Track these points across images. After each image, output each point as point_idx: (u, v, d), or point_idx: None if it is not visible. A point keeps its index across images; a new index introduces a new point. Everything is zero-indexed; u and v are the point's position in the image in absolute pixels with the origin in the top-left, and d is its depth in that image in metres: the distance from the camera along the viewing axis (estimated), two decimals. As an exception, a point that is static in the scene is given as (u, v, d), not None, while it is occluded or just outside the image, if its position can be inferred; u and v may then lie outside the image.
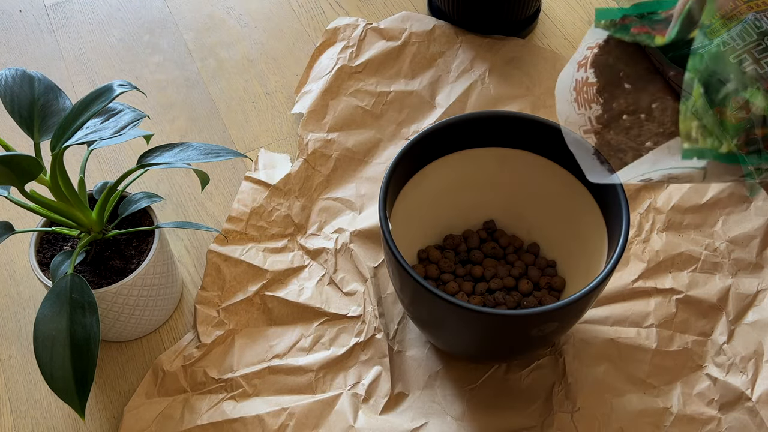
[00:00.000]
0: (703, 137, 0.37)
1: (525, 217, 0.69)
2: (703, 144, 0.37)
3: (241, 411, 0.62)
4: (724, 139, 0.37)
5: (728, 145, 0.37)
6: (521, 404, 0.62)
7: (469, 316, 0.51)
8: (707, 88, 0.37)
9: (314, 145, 0.78)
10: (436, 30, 0.87)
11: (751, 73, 0.37)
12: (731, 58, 0.37)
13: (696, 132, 0.37)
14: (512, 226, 0.70)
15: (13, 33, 0.94)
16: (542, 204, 0.67)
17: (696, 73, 0.37)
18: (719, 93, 0.37)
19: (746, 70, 0.37)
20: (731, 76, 0.37)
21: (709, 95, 0.37)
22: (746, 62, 0.37)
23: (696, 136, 0.37)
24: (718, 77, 0.37)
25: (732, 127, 0.37)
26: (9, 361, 0.67)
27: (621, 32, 0.44)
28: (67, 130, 0.52)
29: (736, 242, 0.71)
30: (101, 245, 0.62)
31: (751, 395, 0.62)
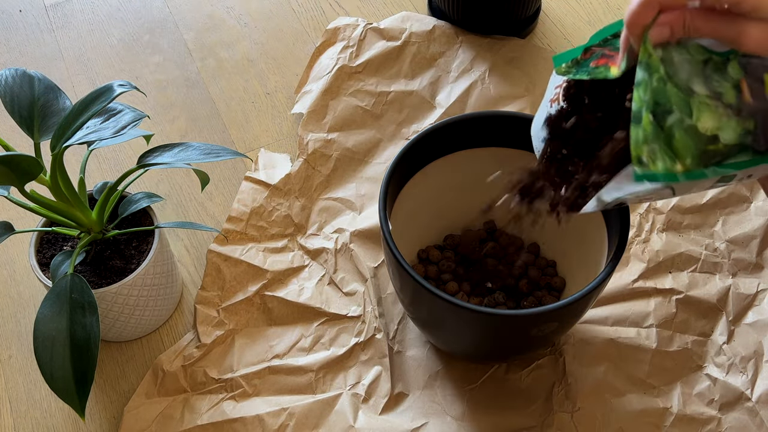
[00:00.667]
0: (653, 162, 0.39)
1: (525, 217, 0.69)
2: (653, 168, 0.39)
3: (241, 411, 0.62)
4: (677, 161, 0.39)
5: (682, 166, 0.39)
6: (521, 404, 0.62)
7: (469, 316, 0.51)
8: (655, 116, 0.38)
9: (314, 145, 0.78)
10: (436, 30, 0.87)
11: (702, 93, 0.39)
12: (673, 90, 0.38)
13: (647, 157, 0.38)
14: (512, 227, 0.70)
15: (13, 33, 0.94)
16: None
17: (642, 102, 0.39)
18: (666, 120, 0.39)
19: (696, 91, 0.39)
20: (674, 107, 0.38)
21: (658, 122, 0.39)
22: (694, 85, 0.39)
23: (647, 161, 0.38)
24: (662, 108, 0.39)
25: (684, 148, 0.39)
26: (9, 361, 0.67)
27: (581, 73, 0.45)
28: (67, 130, 0.52)
29: (736, 242, 0.71)
30: (101, 245, 0.62)
31: (751, 395, 0.62)
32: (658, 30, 0.38)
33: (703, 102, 0.38)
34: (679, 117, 0.38)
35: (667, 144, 0.38)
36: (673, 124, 0.38)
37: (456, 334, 0.57)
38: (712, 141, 0.39)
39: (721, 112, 0.38)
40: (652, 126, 0.38)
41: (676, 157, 0.38)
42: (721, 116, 0.38)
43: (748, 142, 0.39)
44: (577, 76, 0.45)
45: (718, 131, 0.38)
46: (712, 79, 0.39)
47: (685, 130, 0.38)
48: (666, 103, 0.38)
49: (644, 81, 0.38)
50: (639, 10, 0.38)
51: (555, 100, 0.48)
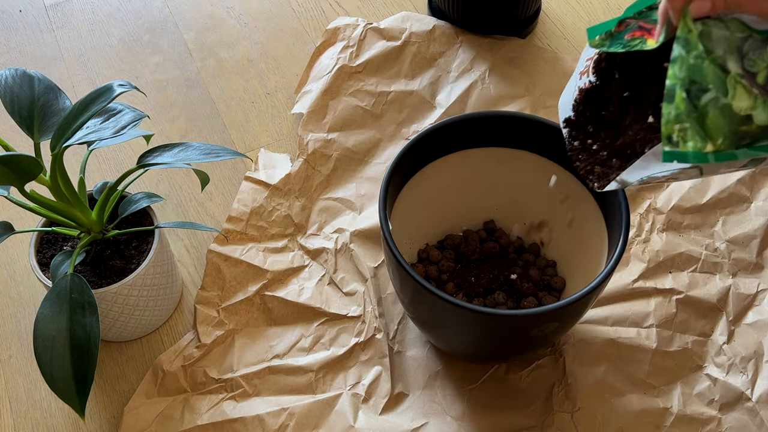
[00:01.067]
0: (684, 141, 0.38)
1: (525, 217, 0.69)
2: (683, 147, 0.38)
3: (241, 411, 0.62)
4: (708, 141, 0.38)
5: (713, 146, 0.38)
6: (521, 404, 0.62)
7: (469, 316, 0.51)
8: (689, 93, 0.37)
9: (314, 145, 0.78)
10: (436, 30, 0.87)
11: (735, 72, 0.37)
12: (710, 67, 0.37)
13: (677, 135, 0.38)
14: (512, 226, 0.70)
15: (13, 33, 0.94)
16: (542, 204, 0.67)
17: (677, 80, 0.38)
18: (701, 99, 0.38)
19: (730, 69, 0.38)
20: (710, 85, 0.37)
21: (692, 101, 0.38)
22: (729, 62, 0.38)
23: (677, 139, 0.38)
24: (697, 86, 0.38)
25: (716, 128, 0.38)
26: (9, 361, 0.67)
27: (615, 45, 0.44)
28: (67, 130, 0.52)
29: (736, 242, 0.71)
30: (101, 245, 0.62)
31: (751, 395, 0.62)
32: (699, 3, 0.37)
33: (738, 81, 0.37)
34: (715, 96, 0.37)
35: (699, 123, 0.37)
36: (708, 102, 0.37)
37: (456, 334, 0.57)
38: (746, 121, 0.38)
39: (755, 92, 0.37)
40: (686, 104, 0.37)
41: (707, 137, 0.37)
42: (755, 96, 0.37)
43: None
44: (611, 48, 0.44)
45: (752, 111, 0.37)
46: (747, 57, 0.38)
47: (720, 110, 0.37)
48: (702, 81, 0.37)
49: (681, 57, 0.37)
50: None
51: (585, 73, 0.47)
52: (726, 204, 0.73)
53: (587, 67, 0.47)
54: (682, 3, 0.38)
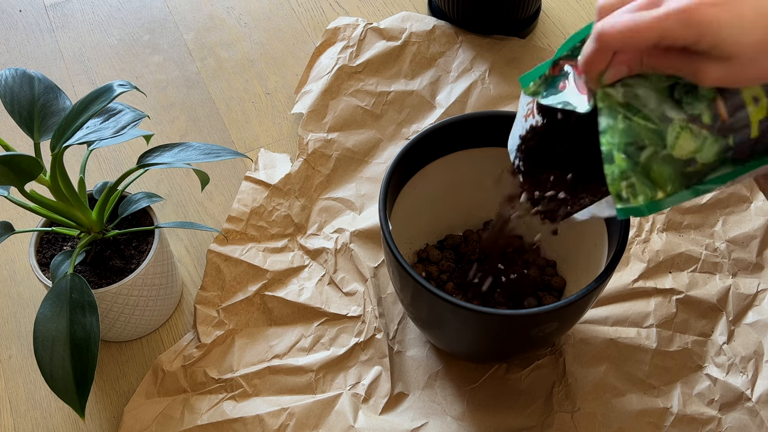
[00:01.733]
0: (634, 196, 0.38)
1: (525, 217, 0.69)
2: (635, 202, 0.38)
3: (241, 411, 0.62)
4: (658, 189, 0.38)
5: (663, 193, 0.38)
6: (521, 404, 0.62)
7: (469, 316, 0.51)
8: (627, 154, 0.38)
9: (314, 145, 0.78)
10: (436, 30, 0.87)
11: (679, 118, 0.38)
12: (641, 124, 0.38)
13: (626, 192, 0.38)
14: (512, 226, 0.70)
15: (13, 33, 0.94)
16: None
17: (611, 146, 0.38)
18: (641, 156, 0.38)
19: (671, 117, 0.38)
20: (646, 141, 0.38)
21: (632, 158, 0.38)
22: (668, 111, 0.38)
23: (627, 195, 0.38)
24: (633, 146, 0.38)
25: (662, 177, 0.38)
26: (9, 361, 0.67)
27: (549, 96, 0.44)
28: (67, 130, 0.52)
29: (736, 242, 0.71)
30: (101, 245, 0.62)
31: (751, 395, 0.62)
32: (615, 70, 0.38)
33: (683, 127, 0.38)
34: (653, 150, 0.38)
35: (644, 176, 0.38)
36: (648, 157, 0.38)
37: (456, 334, 0.57)
38: (690, 163, 0.38)
39: (700, 134, 0.38)
40: (627, 162, 0.38)
41: (656, 186, 0.38)
42: (698, 138, 0.38)
43: (728, 156, 0.39)
44: (546, 100, 0.44)
45: (695, 154, 0.38)
46: (684, 103, 0.38)
47: (661, 160, 0.38)
48: (637, 139, 0.38)
49: (609, 126, 0.38)
50: (593, 58, 0.37)
51: (529, 116, 0.47)
52: (726, 204, 0.73)
53: (530, 110, 0.47)
54: (597, 75, 0.38)
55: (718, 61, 0.35)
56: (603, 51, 0.37)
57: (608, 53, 0.37)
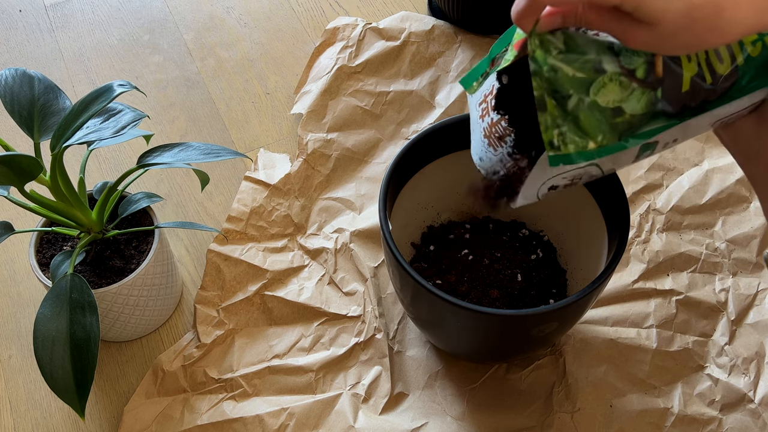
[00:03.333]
0: (564, 144, 0.39)
1: (525, 218, 0.69)
2: (566, 150, 0.39)
3: (241, 411, 0.62)
4: (589, 139, 0.39)
5: (594, 143, 0.39)
6: (521, 404, 0.62)
7: (469, 316, 0.51)
8: (556, 100, 0.39)
9: (314, 145, 0.78)
10: (435, 30, 0.87)
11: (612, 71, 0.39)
12: (565, 75, 0.38)
13: (558, 140, 0.39)
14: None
15: (13, 33, 0.94)
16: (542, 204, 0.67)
17: (542, 90, 0.39)
18: (567, 104, 0.39)
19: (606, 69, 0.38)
20: (570, 91, 0.38)
21: (561, 106, 0.39)
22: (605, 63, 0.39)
23: (558, 143, 0.39)
24: (559, 94, 0.39)
25: (591, 126, 0.39)
26: (9, 361, 0.67)
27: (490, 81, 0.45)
28: (67, 130, 0.52)
29: (736, 242, 0.71)
30: (101, 245, 0.62)
31: (753, 397, 0.62)
32: (549, 19, 0.38)
33: (613, 79, 0.38)
34: (578, 98, 0.38)
35: (575, 124, 0.38)
36: (574, 106, 0.38)
37: (456, 334, 0.57)
38: (618, 113, 0.39)
39: (629, 86, 0.38)
40: (557, 109, 0.38)
41: (586, 135, 0.39)
42: (625, 89, 0.38)
43: (658, 108, 0.39)
44: (482, 87, 0.44)
45: (620, 103, 0.39)
46: (623, 55, 0.38)
47: (588, 109, 0.38)
48: (561, 89, 0.38)
49: (536, 71, 0.38)
50: (524, 11, 0.38)
51: (485, 115, 0.48)
52: (726, 204, 0.73)
53: (484, 110, 0.47)
54: (530, 24, 0.38)
55: (644, 25, 0.36)
56: (533, 6, 0.37)
57: (539, 7, 0.37)
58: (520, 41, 0.41)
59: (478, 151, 0.49)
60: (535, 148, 0.44)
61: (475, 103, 0.49)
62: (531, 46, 0.38)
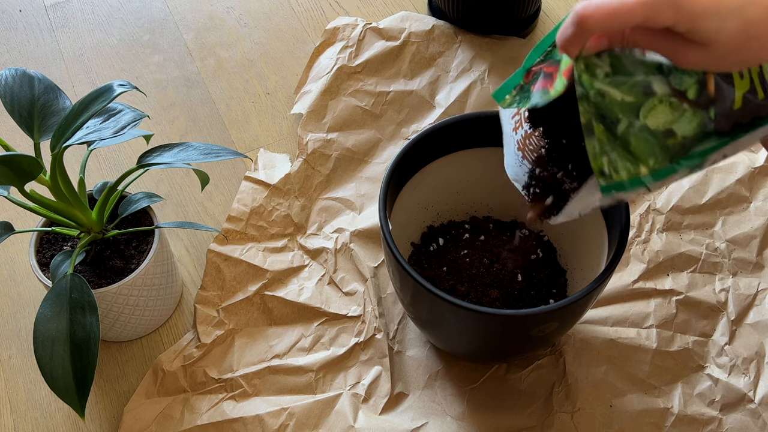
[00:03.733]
0: (616, 171, 0.38)
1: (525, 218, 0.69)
2: (618, 178, 0.38)
3: (241, 411, 0.62)
4: (640, 164, 0.38)
5: (647, 168, 0.38)
6: (521, 404, 0.62)
7: (469, 316, 0.51)
8: (605, 125, 0.38)
9: (314, 145, 0.78)
10: (435, 30, 0.87)
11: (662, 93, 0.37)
12: (613, 98, 0.37)
13: (608, 167, 0.38)
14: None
15: (13, 33, 0.94)
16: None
17: (590, 114, 0.38)
18: (617, 128, 0.38)
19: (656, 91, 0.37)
20: (619, 115, 0.37)
21: (610, 131, 0.38)
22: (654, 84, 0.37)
23: (609, 171, 0.38)
24: (609, 120, 0.38)
25: (642, 150, 0.38)
26: (9, 361, 0.67)
27: (524, 101, 0.44)
28: (67, 130, 0.52)
29: (736, 242, 0.71)
30: (101, 245, 0.62)
31: (753, 397, 0.62)
32: (595, 42, 0.37)
33: (663, 101, 0.37)
34: (628, 122, 0.37)
35: (625, 149, 0.38)
36: (624, 131, 0.37)
37: (456, 334, 0.57)
38: (669, 135, 0.38)
39: (679, 107, 0.38)
40: (606, 134, 0.37)
41: (637, 160, 0.38)
42: (676, 111, 0.38)
43: (710, 128, 0.38)
44: (522, 105, 0.43)
45: (671, 125, 0.38)
46: (673, 76, 0.38)
47: (638, 132, 0.37)
48: (610, 114, 0.37)
49: (583, 96, 0.37)
50: (571, 40, 0.36)
51: (518, 128, 0.47)
52: (726, 204, 0.73)
53: (518, 122, 0.47)
54: (576, 51, 0.37)
55: (697, 45, 0.35)
56: (582, 34, 0.36)
57: (587, 36, 0.36)
58: (569, 68, 0.39)
59: (511, 165, 0.48)
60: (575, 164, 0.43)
61: (508, 116, 0.48)
62: (577, 70, 0.37)
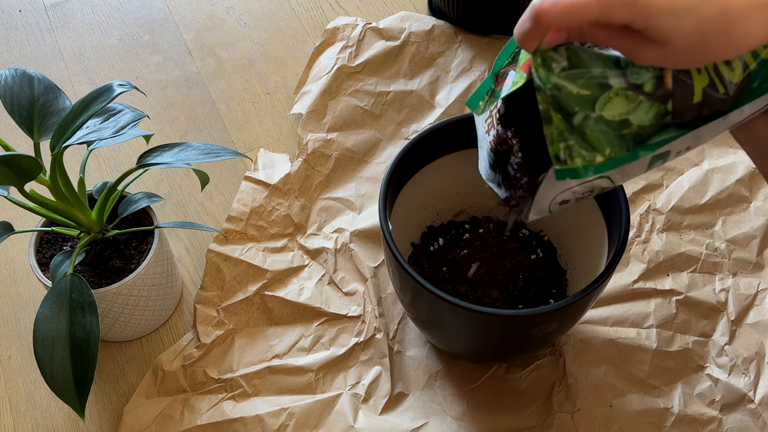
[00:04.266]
0: (571, 158, 0.38)
1: (525, 217, 0.69)
2: (572, 164, 0.38)
3: (241, 411, 0.62)
4: (596, 152, 0.38)
5: (602, 156, 0.38)
6: (521, 404, 0.62)
7: (469, 316, 0.51)
8: (563, 116, 0.38)
9: (314, 145, 0.78)
10: (435, 30, 0.87)
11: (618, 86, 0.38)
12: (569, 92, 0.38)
13: (564, 153, 0.38)
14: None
15: (13, 33, 0.94)
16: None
17: (547, 104, 0.38)
18: (573, 120, 0.38)
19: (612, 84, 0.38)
20: (576, 108, 0.38)
21: (567, 120, 0.38)
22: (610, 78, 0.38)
23: (564, 157, 0.38)
24: (565, 111, 0.38)
25: (598, 140, 0.38)
26: (9, 361, 0.67)
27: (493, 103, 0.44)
28: (67, 130, 0.52)
29: (736, 242, 0.71)
30: (101, 245, 0.62)
31: (753, 397, 0.62)
32: (553, 37, 0.37)
33: (619, 94, 0.38)
34: (584, 115, 0.38)
35: (581, 138, 0.38)
36: (580, 122, 0.38)
37: (456, 334, 0.57)
38: (625, 125, 0.38)
39: (635, 99, 0.38)
40: (564, 123, 0.38)
41: (594, 149, 0.38)
42: (632, 102, 0.38)
43: (668, 120, 0.38)
44: (491, 106, 0.43)
45: (627, 116, 0.38)
46: (629, 70, 0.38)
47: (594, 123, 0.38)
48: (566, 106, 0.38)
49: (540, 88, 0.38)
50: (528, 35, 0.37)
51: (490, 130, 0.47)
52: (726, 204, 0.73)
53: (490, 124, 0.47)
54: (533, 46, 0.37)
55: (654, 43, 0.35)
56: (539, 29, 0.36)
57: (544, 31, 0.37)
58: (527, 62, 0.40)
59: (485, 167, 0.49)
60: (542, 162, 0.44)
61: (481, 120, 0.48)
62: (534, 64, 0.38)
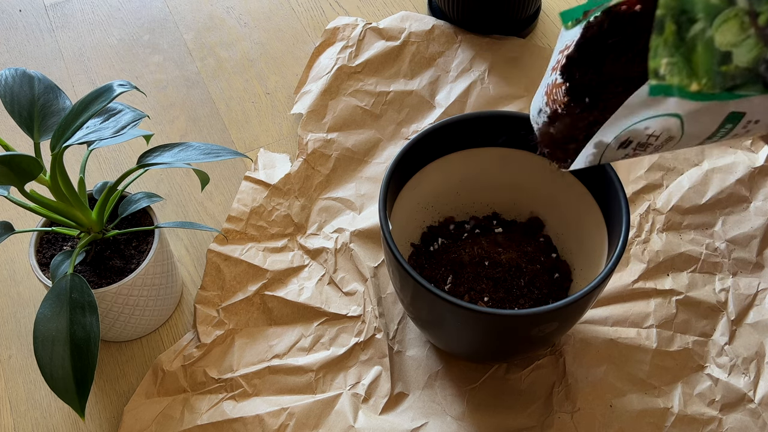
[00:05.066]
0: (671, 74, 0.36)
1: (525, 218, 0.69)
2: (670, 81, 0.36)
3: (241, 411, 0.62)
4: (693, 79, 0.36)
5: (698, 85, 0.36)
6: (521, 404, 0.62)
7: (469, 316, 0.51)
8: (678, 25, 0.36)
9: (314, 145, 0.78)
10: (435, 30, 0.87)
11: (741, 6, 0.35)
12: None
13: (665, 69, 0.36)
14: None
15: (13, 33, 0.94)
16: (542, 204, 0.67)
17: (667, 10, 0.36)
18: (689, 31, 0.36)
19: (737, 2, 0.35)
20: (700, 14, 0.36)
21: (680, 34, 0.36)
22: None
23: (664, 72, 0.36)
24: (687, 16, 0.36)
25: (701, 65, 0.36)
26: (9, 361, 0.67)
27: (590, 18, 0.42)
28: (67, 130, 0.52)
29: (736, 242, 0.71)
30: (101, 245, 0.62)
31: (753, 397, 0.62)
32: None
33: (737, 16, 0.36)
34: (702, 26, 0.36)
35: (686, 58, 0.36)
36: (695, 34, 0.36)
37: (456, 334, 0.57)
38: (725, 60, 0.36)
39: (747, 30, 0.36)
40: (674, 37, 0.36)
41: (693, 74, 0.36)
42: (742, 33, 0.36)
43: (761, 70, 0.36)
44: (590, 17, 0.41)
45: (732, 48, 0.36)
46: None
47: (705, 43, 0.36)
48: (692, 9, 0.35)
49: None
50: None
51: (555, 69, 0.46)
52: (726, 204, 0.73)
53: (558, 62, 0.45)
54: None
55: None
56: None
57: None
58: None
59: (535, 106, 0.47)
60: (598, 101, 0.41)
61: (556, 51, 0.46)
62: None
